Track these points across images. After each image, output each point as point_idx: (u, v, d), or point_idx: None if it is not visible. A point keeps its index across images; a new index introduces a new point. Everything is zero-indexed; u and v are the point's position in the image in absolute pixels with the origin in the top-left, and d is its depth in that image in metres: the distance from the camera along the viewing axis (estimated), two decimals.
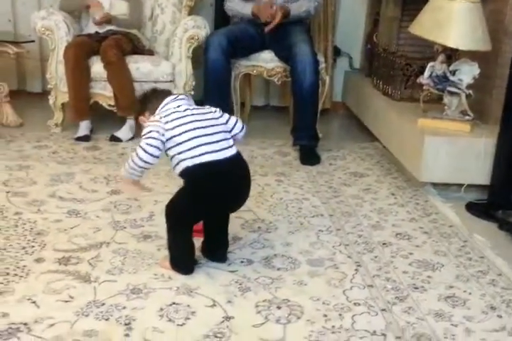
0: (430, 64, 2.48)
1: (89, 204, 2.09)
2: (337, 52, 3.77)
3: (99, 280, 1.56)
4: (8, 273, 1.57)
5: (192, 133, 1.54)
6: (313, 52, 2.80)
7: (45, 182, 2.27)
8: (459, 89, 2.38)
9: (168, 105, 1.60)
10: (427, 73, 2.48)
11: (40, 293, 1.48)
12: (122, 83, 2.88)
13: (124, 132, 2.91)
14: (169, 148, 1.55)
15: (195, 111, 1.60)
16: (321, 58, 2.96)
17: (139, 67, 2.93)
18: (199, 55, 3.08)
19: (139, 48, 3.10)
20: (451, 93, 2.42)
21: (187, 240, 1.60)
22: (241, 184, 1.62)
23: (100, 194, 2.19)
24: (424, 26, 2.41)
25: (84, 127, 2.90)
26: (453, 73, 2.40)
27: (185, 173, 1.55)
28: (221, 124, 1.62)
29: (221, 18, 3.43)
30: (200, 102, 3.07)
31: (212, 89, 2.90)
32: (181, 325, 1.38)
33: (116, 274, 1.60)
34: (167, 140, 1.54)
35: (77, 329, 1.34)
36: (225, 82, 2.93)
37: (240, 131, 1.69)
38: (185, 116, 1.57)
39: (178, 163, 1.55)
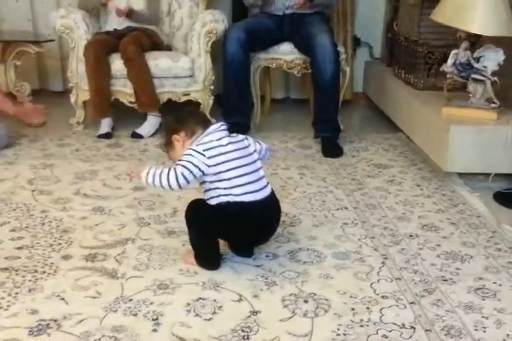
0: (453, 51, 2.43)
1: (114, 201, 2.10)
2: (357, 42, 3.73)
3: (126, 276, 1.57)
4: (36, 271, 1.59)
5: (237, 171, 1.55)
6: (333, 43, 2.76)
7: (70, 180, 2.30)
8: (484, 76, 2.33)
9: (210, 136, 1.57)
10: (450, 61, 2.43)
11: (68, 290, 1.50)
12: (142, 79, 2.89)
13: (146, 128, 2.92)
14: (211, 182, 1.55)
15: (237, 146, 1.58)
16: (341, 49, 2.92)
17: (158, 63, 2.93)
18: (218, 50, 3.08)
19: (157, 44, 3.10)
20: (476, 80, 2.37)
21: (209, 238, 1.60)
22: (271, 225, 1.66)
23: (124, 190, 2.20)
24: (447, 13, 2.36)
25: (105, 124, 2.92)
26: (477, 60, 2.34)
27: (222, 207, 1.55)
28: (259, 159, 1.63)
29: (239, 11, 3.41)
30: (218, 97, 3.12)
31: (231, 83, 2.89)
32: (208, 320, 1.38)
33: (142, 270, 1.61)
34: (209, 174, 1.54)
35: (105, 325, 1.35)
36: (243, 75, 2.91)
37: (264, 158, 1.70)
38: (230, 152, 1.56)
39: (216, 196, 1.55)
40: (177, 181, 1.52)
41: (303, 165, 2.53)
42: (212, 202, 1.57)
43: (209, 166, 1.52)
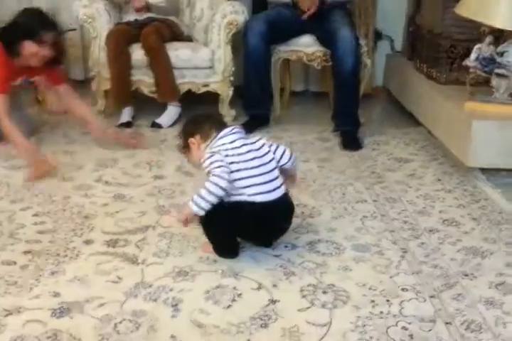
0: (477, 46, 2.40)
1: (134, 188, 2.12)
2: (378, 35, 3.69)
3: (147, 263, 1.59)
4: (58, 254, 1.61)
5: (249, 172, 1.55)
6: (355, 36, 2.74)
7: (91, 167, 2.32)
8: (508, 71, 2.30)
9: (222, 139, 1.58)
10: (473, 55, 2.40)
11: (90, 274, 1.52)
12: (163, 69, 2.89)
13: (165, 118, 2.93)
14: None
15: (251, 147, 1.60)
16: (362, 42, 2.90)
17: (179, 54, 2.94)
18: (238, 41, 3.07)
19: (178, 35, 3.11)
20: (499, 75, 2.34)
21: (225, 230, 1.60)
22: (281, 226, 1.67)
23: (144, 179, 2.22)
24: (471, 7, 2.33)
25: (126, 114, 2.93)
26: (501, 55, 2.31)
27: (233, 206, 1.56)
28: (273, 159, 1.63)
29: (259, 3, 3.39)
30: (239, 88, 3.11)
31: (252, 75, 2.89)
32: (227, 307, 1.39)
33: (162, 257, 1.62)
34: None
35: (126, 309, 1.37)
36: (264, 68, 2.91)
37: (289, 161, 1.68)
38: (243, 154, 1.57)
39: (228, 195, 1.55)
40: (216, 185, 1.50)
41: (322, 158, 2.53)
42: (224, 199, 1.56)
43: (231, 171, 1.54)
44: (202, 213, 1.53)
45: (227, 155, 1.55)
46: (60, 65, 2.43)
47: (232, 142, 1.58)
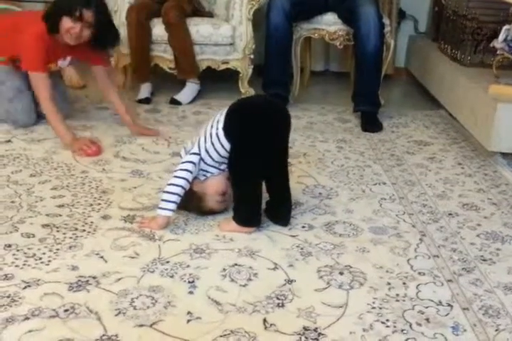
0: (506, 27, 2.33)
1: (152, 165, 2.11)
2: (401, 15, 3.61)
3: (164, 239, 1.59)
4: (76, 229, 1.62)
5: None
6: (378, 15, 2.68)
7: (109, 143, 2.32)
8: None
9: None
10: (501, 36, 2.34)
11: (107, 249, 1.52)
12: (183, 45, 2.86)
13: (184, 95, 2.91)
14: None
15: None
16: (386, 21, 2.84)
17: (199, 29, 2.90)
18: (259, 18, 3.02)
19: (199, 10, 3.07)
20: None
21: (255, 191, 1.61)
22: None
23: (162, 155, 2.21)
24: None
25: (145, 90, 2.92)
26: None
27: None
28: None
29: None
30: (259, 67, 3.07)
31: (274, 53, 2.84)
32: (244, 286, 1.39)
33: (179, 234, 1.62)
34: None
35: (143, 285, 1.37)
36: (286, 46, 2.86)
37: None
38: None
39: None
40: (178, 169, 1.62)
41: (341, 139, 2.50)
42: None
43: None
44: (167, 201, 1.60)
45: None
46: (104, 47, 2.35)
47: None
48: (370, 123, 2.67)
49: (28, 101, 2.40)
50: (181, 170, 1.62)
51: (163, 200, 1.61)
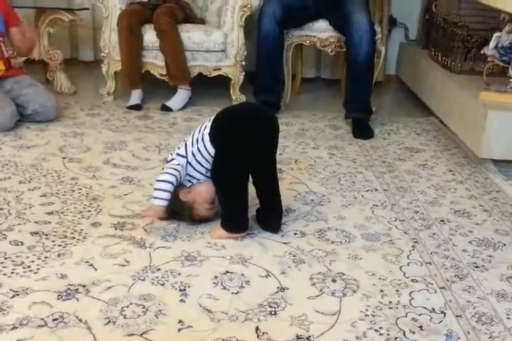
0: (496, 34, 2.35)
1: (142, 172, 2.10)
2: (392, 22, 3.63)
3: (154, 246, 1.57)
4: (66, 236, 1.60)
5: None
6: (370, 22, 2.69)
7: (99, 149, 2.30)
8: None
9: None
10: (492, 44, 2.35)
11: (97, 256, 1.50)
12: (174, 52, 2.86)
13: (175, 102, 2.90)
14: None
15: None
16: (377, 28, 2.85)
17: (191, 36, 2.90)
18: (251, 25, 3.03)
19: (190, 17, 3.07)
20: None
21: (239, 197, 1.60)
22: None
23: (153, 162, 2.19)
24: None
25: (136, 96, 2.91)
26: None
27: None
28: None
29: None
30: (250, 73, 3.07)
31: (265, 60, 2.85)
32: (236, 294, 1.38)
33: (170, 241, 1.61)
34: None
35: (133, 293, 1.35)
36: (277, 53, 2.86)
37: None
38: None
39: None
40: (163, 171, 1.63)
41: (332, 145, 2.50)
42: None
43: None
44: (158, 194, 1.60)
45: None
46: None
47: None
48: (362, 130, 2.67)
49: None
50: (168, 168, 1.63)
51: (155, 190, 1.61)
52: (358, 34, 2.65)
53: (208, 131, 1.61)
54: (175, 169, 1.62)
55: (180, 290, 1.38)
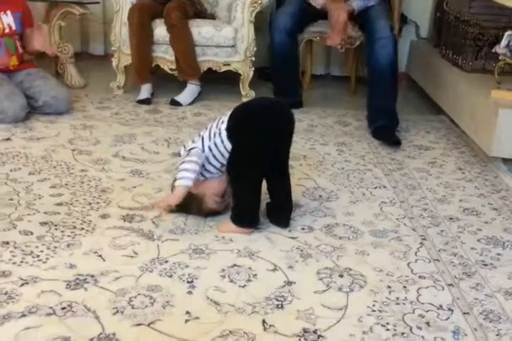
0: (508, 32, 2.33)
1: (151, 165, 2.10)
2: (403, 20, 3.61)
3: (162, 239, 1.58)
4: (75, 227, 1.61)
5: None
6: (391, 28, 2.65)
7: (109, 142, 2.31)
8: None
9: None
10: (504, 42, 2.33)
11: (106, 248, 1.51)
12: (184, 46, 2.86)
13: (185, 96, 2.91)
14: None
15: None
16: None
17: (201, 31, 2.90)
18: (261, 20, 3.02)
19: (201, 12, 3.06)
20: None
21: (253, 192, 1.60)
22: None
23: (162, 156, 2.20)
24: None
25: (145, 90, 2.91)
26: None
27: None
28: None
29: None
30: (260, 69, 3.06)
31: (281, 71, 2.87)
32: (243, 287, 1.38)
33: (178, 234, 1.61)
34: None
35: (141, 284, 1.36)
36: (293, 63, 2.87)
37: None
38: None
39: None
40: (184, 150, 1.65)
41: (341, 142, 2.49)
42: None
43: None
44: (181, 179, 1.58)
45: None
46: None
47: None
48: (389, 136, 2.47)
49: (10, 88, 2.42)
50: (192, 155, 1.62)
51: (181, 170, 1.58)
52: (381, 42, 2.57)
53: (225, 125, 1.61)
54: (199, 156, 1.61)
55: (188, 282, 1.38)
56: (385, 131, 2.54)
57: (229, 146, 1.60)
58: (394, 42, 2.62)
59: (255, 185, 1.61)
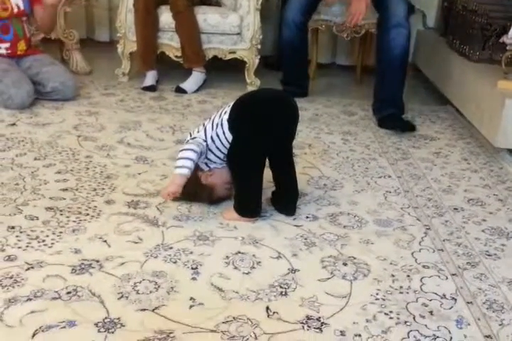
0: None
1: (156, 152, 2.10)
2: (410, 8, 3.57)
3: (167, 225, 1.58)
4: (80, 213, 1.61)
5: None
6: (407, 16, 2.59)
7: (114, 129, 2.30)
8: None
9: None
10: (511, 32, 2.31)
11: (111, 233, 1.52)
12: (190, 33, 2.85)
13: (190, 84, 2.90)
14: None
15: None
16: None
17: (207, 18, 2.88)
18: (267, 8, 3.00)
19: None
20: None
21: (254, 183, 1.61)
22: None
23: (167, 143, 2.20)
24: None
25: (150, 77, 2.90)
26: None
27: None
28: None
29: None
30: (265, 57, 3.05)
31: (290, 60, 2.85)
32: (247, 274, 1.38)
33: (183, 220, 1.62)
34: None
35: (146, 269, 1.36)
36: (302, 55, 2.86)
37: None
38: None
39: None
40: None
41: (346, 131, 2.49)
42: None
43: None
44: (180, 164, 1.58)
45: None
46: None
47: None
48: (402, 124, 2.49)
49: (17, 74, 2.40)
50: (192, 143, 1.62)
51: (178, 159, 1.59)
52: (394, 30, 2.50)
53: (227, 116, 1.61)
54: (198, 144, 1.61)
55: (192, 268, 1.39)
56: (394, 119, 2.53)
57: (230, 137, 1.60)
58: (409, 31, 2.56)
59: (256, 177, 1.60)
